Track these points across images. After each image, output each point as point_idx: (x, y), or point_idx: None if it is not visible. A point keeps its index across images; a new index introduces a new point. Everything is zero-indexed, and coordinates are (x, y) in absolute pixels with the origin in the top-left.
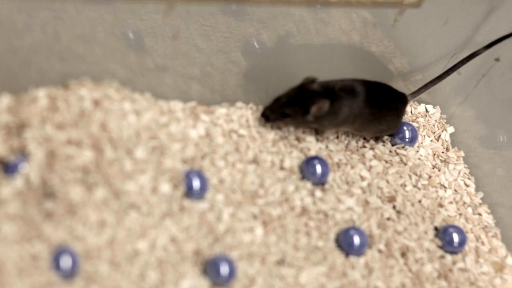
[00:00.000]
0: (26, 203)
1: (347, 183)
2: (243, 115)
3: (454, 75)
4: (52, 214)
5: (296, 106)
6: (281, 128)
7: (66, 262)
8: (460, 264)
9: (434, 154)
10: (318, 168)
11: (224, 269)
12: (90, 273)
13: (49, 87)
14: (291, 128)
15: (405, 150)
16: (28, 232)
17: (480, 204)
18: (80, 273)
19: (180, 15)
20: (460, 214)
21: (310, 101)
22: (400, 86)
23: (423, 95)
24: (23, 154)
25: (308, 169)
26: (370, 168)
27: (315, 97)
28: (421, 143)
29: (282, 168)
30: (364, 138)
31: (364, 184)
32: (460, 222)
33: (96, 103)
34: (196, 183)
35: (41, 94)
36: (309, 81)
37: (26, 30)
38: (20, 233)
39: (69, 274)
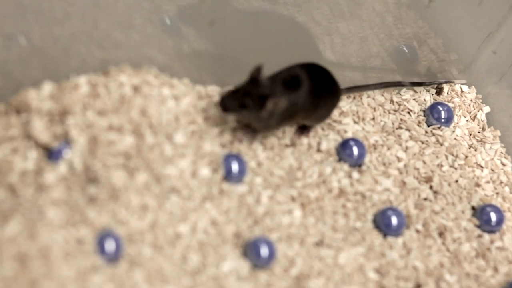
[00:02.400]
0: (70, 188)
1: (384, 164)
2: None
3: (489, 54)
4: (96, 198)
5: (253, 99)
6: None
7: (110, 245)
8: (498, 243)
9: (470, 134)
10: (355, 150)
11: (264, 251)
12: (134, 256)
13: (89, 74)
14: None
15: (441, 130)
16: (72, 216)
17: None
18: (124, 256)
19: (216, 1)
20: (497, 193)
21: (267, 97)
22: (435, 67)
23: (457, 75)
24: (66, 140)
25: (345, 151)
26: (406, 149)
27: (272, 94)
28: (457, 123)
29: (319, 150)
30: (401, 120)
31: (401, 165)
32: (497, 201)
33: (136, 89)
34: (235, 167)
35: (82, 81)
36: (259, 72)
37: (65, 19)
38: (65, 217)
39: (113, 258)
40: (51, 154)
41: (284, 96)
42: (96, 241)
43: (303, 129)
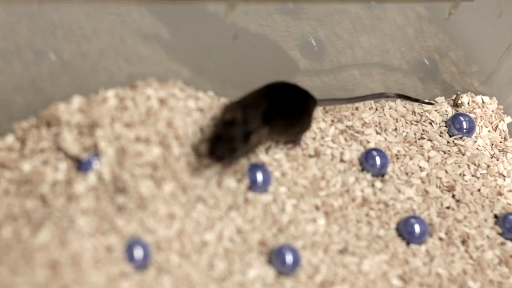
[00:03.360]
0: (99, 198)
1: (406, 173)
2: None
3: (510, 66)
4: (124, 207)
5: (239, 140)
6: (342, 121)
7: (138, 253)
8: None
9: (492, 144)
10: (378, 160)
11: (289, 258)
12: (161, 263)
13: (117, 88)
14: (349, 122)
15: (463, 140)
16: (101, 225)
17: None
18: (152, 263)
19: (239, 15)
20: None
21: (249, 132)
22: (456, 78)
23: (478, 87)
24: (95, 152)
25: (368, 161)
26: (428, 159)
27: (254, 129)
28: (479, 133)
29: (342, 160)
30: (423, 130)
31: (423, 174)
32: None
33: (162, 101)
34: (259, 176)
35: (110, 95)
36: (230, 115)
37: (94, 35)
38: (95, 226)
39: (142, 265)
40: (80, 165)
41: (265, 127)
42: (125, 248)
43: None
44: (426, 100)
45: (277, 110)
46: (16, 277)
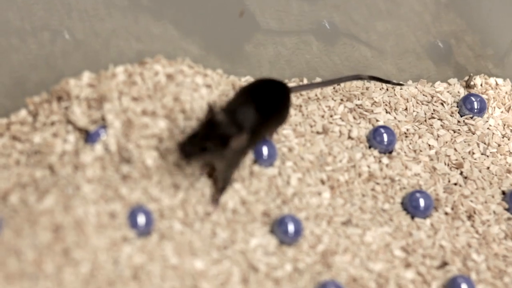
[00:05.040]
0: (104, 168)
1: (415, 151)
2: (312, 90)
3: None
4: (129, 176)
5: (214, 141)
6: (352, 100)
7: (141, 219)
8: None
9: (504, 124)
10: (385, 137)
11: (291, 227)
12: (164, 230)
13: (126, 65)
14: (358, 101)
15: (473, 120)
16: (106, 192)
17: None
18: (155, 230)
19: (255, 5)
20: None
21: (229, 137)
22: (471, 61)
23: (492, 69)
24: (103, 124)
25: (375, 138)
26: (437, 137)
27: (235, 132)
28: (491, 114)
29: (349, 137)
30: (434, 110)
31: (432, 152)
32: None
33: (170, 77)
34: (265, 150)
35: (119, 71)
36: (212, 112)
37: (107, 16)
38: (99, 193)
39: (144, 231)
40: (88, 137)
41: (245, 131)
42: (128, 215)
43: None
44: (398, 82)
45: (260, 116)
46: (20, 240)
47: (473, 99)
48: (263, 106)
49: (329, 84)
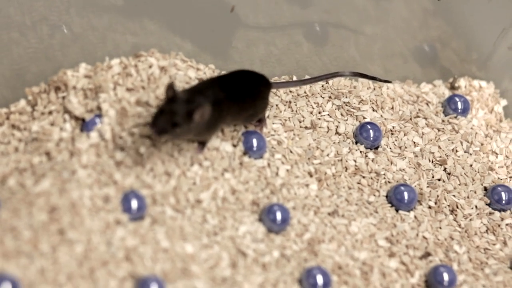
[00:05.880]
0: (99, 154)
1: (400, 147)
2: (302, 87)
3: (505, 50)
4: (122, 163)
5: (181, 115)
6: (340, 98)
7: (134, 204)
8: (508, 220)
9: (487, 125)
10: (371, 133)
11: (279, 215)
12: (156, 215)
13: (121, 58)
14: (346, 99)
15: (457, 119)
16: (100, 178)
17: None
18: (147, 215)
19: (248, 6)
20: (511, 177)
21: (192, 109)
22: (455, 64)
23: (476, 72)
24: (98, 114)
25: (362, 134)
26: (422, 135)
27: (197, 103)
28: (475, 114)
29: (337, 133)
30: (419, 110)
31: (417, 149)
32: (510, 184)
33: (163, 70)
34: (255, 142)
35: (114, 63)
36: (173, 89)
37: (105, 11)
38: (94, 178)
39: (137, 215)
40: (84, 125)
41: (207, 104)
42: (121, 199)
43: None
44: (385, 79)
45: (227, 94)
46: (17, 220)
47: (457, 99)
48: (231, 87)
49: (308, 82)
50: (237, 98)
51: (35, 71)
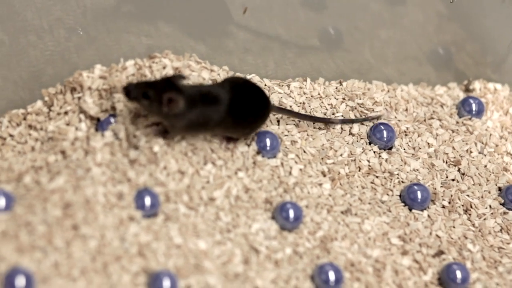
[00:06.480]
0: (113, 153)
1: (414, 148)
2: (315, 89)
3: None
4: (136, 161)
5: (157, 93)
6: (353, 99)
7: (147, 201)
8: None
9: (502, 126)
10: (385, 133)
11: (291, 213)
12: (169, 212)
13: (136, 59)
14: (359, 100)
15: (472, 121)
16: (114, 175)
17: None
18: (160, 212)
19: (263, 10)
20: None
21: (164, 93)
22: (470, 67)
23: (491, 75)
24: (113, 113)
25: (375, 134)
26: (436, 136)
27: (172, 91)
28: (490, 116)
29: (350, 133)
30: (433, 112)
31: (431, 150)
32: None
33: (177, 70)
34: (268, 142)
35: (129, 64)
36: (179, 76)
37: (120, 14)
38: (108, 175)
39: (150, 212)
40: (99, 125)
41: (181, 96)
42: (135, 197)
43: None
44: (375, 116)
45: (224, 107)
46: (32, 215)
47: (472, 101)
48: (230, 99)
49: (308, 119)
50: (236, 113)
51: (51, 73)
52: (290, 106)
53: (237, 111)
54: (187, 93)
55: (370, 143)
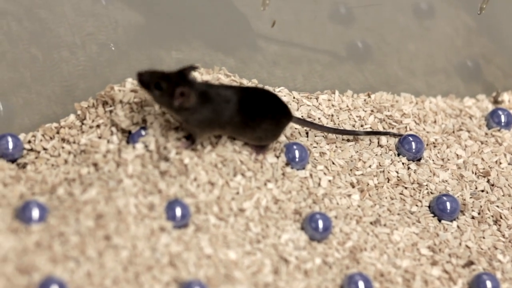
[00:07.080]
0: (144, 164)
1: (442, 159)
2: (344, 101)
3: None
4: (167, 173)
5: (170, 85)
6: (382, 111)
7: (178, 212)
8: None
9: None
10: (413, 145)
11: (320, 224)
12: (200, 223)
13: None
14: (388, 112)
15: (501, 132)
16: (145, 187)
17: None
18: (191, 223)
19: (292, 24)
20: None
21: (177, 86)
22: (499, 78)
23: None
24: (143, 126)
25: (404, 146)
26: (465, 147)
27: (186, 86)
28: None
29: (379, 145)
30: (462, 123)
31: (460, 161)
32: None
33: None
34: (297, 153)
35: None
36: (192, 68)
37: (150, 29)
38: (139, 187)
39: (181, 223)
40: (130, 137)
41: (193, 92)
42: (166, 208)
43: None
44: (396, 132)
45: (238, 103)
46: (64, 226)
47: (501, 113)
48: (247, 100)
49: (332, 131)
50: (245, 114)
51: (83, 87)
52: (319, 119)
53: (247, 112)
54: (200, 88)
55: (398, 155)
